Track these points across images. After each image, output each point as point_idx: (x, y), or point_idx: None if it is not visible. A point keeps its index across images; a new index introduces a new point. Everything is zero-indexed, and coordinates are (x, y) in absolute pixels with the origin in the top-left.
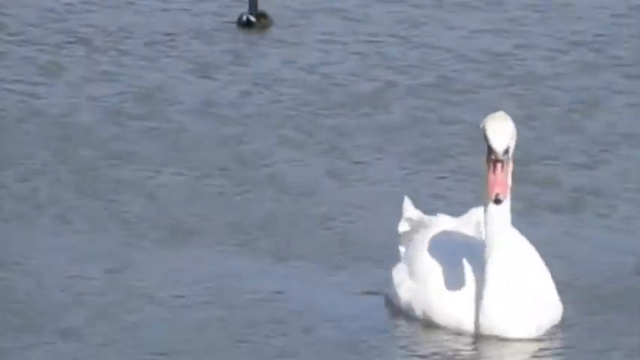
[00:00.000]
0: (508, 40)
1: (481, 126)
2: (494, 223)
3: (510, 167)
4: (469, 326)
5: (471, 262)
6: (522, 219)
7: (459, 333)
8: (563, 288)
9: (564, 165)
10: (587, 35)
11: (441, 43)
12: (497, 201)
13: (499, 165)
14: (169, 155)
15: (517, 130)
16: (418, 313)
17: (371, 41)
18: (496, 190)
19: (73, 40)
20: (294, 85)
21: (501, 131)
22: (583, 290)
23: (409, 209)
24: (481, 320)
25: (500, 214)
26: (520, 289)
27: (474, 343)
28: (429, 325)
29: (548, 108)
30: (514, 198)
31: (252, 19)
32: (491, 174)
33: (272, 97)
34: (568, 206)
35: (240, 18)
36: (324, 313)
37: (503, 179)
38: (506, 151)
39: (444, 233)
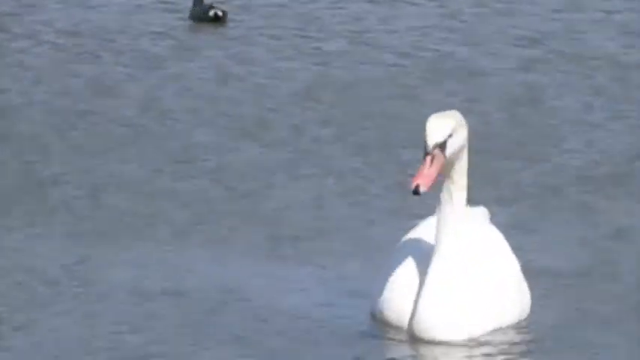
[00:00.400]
0: (452, 36)
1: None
2: (441, 226)
3: (441, 161)
4: (408, 328)
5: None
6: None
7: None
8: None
9: (511, 159)
10: (528, 31)
11: (386, 39)
12: (416, 192)
13: (429, 158)
14: (116, 148)
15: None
16: (376, 312)
17: (318, 38)
18: (418, 181)
19: (23, 36)
20: (245, 79)
21: (436, 127)
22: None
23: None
24: (413, 322)
25: (450, 217)
26: (457, 293)
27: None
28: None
29: (492, 102)
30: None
31: (220, 13)
32: (421, 166)
33: (222, 91)
34: (512, 199)
35: (205, 12)
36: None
37: (429, 172)
38: (439, 146)
39: (419, 235)
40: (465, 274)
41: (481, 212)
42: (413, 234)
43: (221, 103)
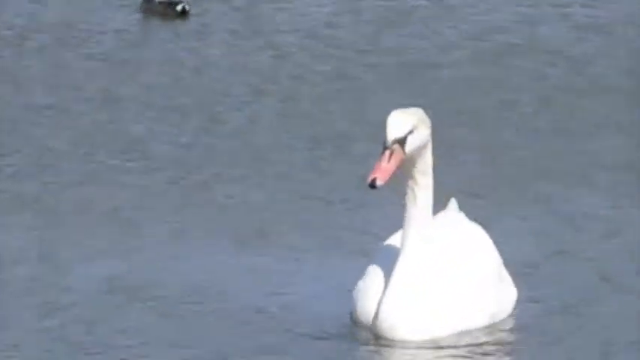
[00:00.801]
0: (404, 29)
1: None
2: (406, 228)
3: (400, 157)
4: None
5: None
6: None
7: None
8: None
9: (463, 154)
10: (485, 24)
11: (341, 35)
12: (373, 185)
13: (387, 153)
14: (74, 141)
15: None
16: (351, 312)
17: (272, 32)
18: (376, 174)
19: None
20: (200, 73)
21: (396, 123)
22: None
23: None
24: (376, 322)
25: (414, 218)
26: (420, 294)
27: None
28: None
29: (448, 97)
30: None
31: (187, 7)
32: (379, 160)
33: (177, 85)
34: (470, 192)
35: (173, 5)
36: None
37: (387, 166)
38: (399, 142)
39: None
40: (429, 275)
41: (455, 210)
42: (394, 237)
43: (175, 97)
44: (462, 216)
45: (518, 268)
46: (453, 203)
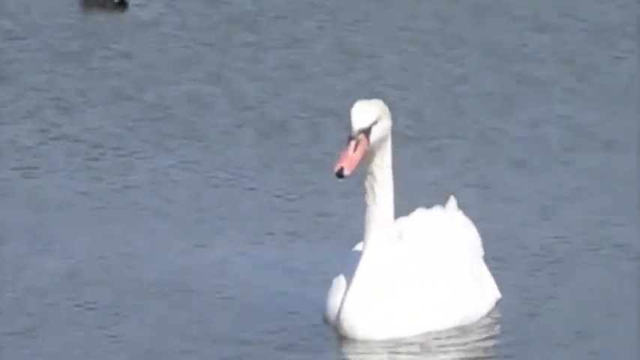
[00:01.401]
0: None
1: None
2: (367, 228)
3: (365, 147)
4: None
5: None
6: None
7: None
8: None
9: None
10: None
11: (295, 34)
12: (340, 175)
13: (353, 142)
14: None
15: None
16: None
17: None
18: (343, 164)
19: None
20: (144, 65)
21: (362, 112)
22: None
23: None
24: (337, 321)
25: (374, 218)
26: (380, 294)
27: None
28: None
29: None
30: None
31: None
32: (345, 150)
33: (120, 77)
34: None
35: None
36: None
37: (353, 157)
38: (364, 132)
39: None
40: (392, 274)
41: (453, 208)
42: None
43: (121, 88)
44: (459, 214)
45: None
46: (452, 201)
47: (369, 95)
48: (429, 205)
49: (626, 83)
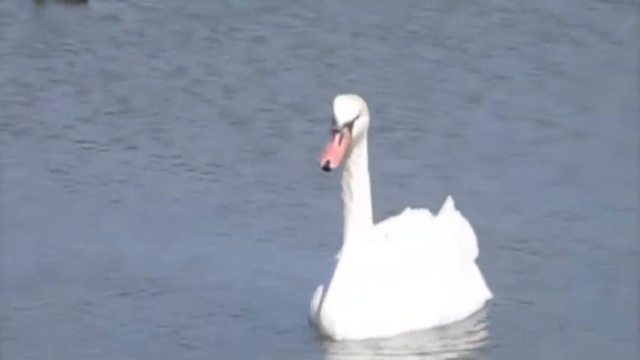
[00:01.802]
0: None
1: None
2: (345, 226)
3: (348, 141)
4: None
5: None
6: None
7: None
8: None
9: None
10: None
11: (262, 33)
12: (327, 168)
13: (337, 136)
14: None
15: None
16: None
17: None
18: (329, 157)
19: None
20: (111, 58)
21: (345, 107)
22: None
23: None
24: (316, 320)
25: (351, 217)
26: (357, 293)
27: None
28: None
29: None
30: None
31: None
32: (329, 143)
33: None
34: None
35: None
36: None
37: (338, 150)
38: (348, 125)
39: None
40: (371, 273)
41: (451, 209)
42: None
43: (82, 82)
44: (456, 215)
45: None
46: (449, 202)
47: (336, 91)
48: (394, 199)
49: (591, 74)
